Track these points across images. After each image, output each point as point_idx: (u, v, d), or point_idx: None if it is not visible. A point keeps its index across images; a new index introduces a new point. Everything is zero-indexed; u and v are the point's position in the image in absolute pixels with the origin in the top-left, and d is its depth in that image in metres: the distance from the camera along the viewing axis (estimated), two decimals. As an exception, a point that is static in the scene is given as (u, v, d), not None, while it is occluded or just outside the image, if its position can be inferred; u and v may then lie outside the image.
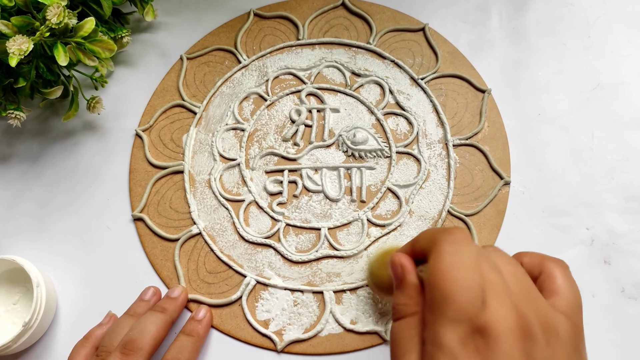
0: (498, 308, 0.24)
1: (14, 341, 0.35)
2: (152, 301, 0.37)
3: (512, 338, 0.23)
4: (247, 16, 0.46)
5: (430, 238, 0.27)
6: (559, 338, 0.25)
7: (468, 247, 0.25)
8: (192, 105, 0.44)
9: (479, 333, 0.23)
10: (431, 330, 0.24)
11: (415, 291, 0.27)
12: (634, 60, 0.43)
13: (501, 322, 0.24)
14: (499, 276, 0.25)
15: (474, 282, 0.24)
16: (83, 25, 0.36)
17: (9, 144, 0.44)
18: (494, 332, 0.23)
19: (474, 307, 0.24)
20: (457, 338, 0.24)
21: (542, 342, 0.24)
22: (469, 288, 0.24)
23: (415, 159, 0.41)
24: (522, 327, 0.24)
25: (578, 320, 0.26)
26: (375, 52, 0.44)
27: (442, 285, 0.24)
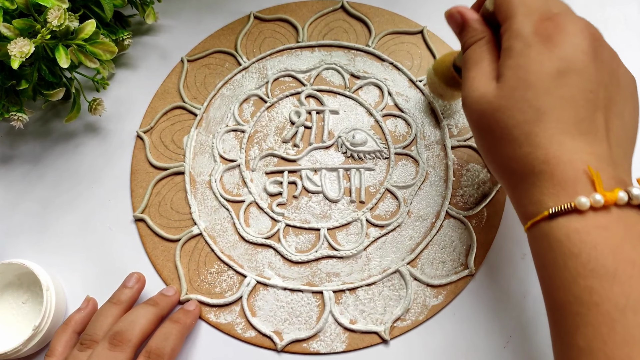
0: (567, 13, 0.26)
1: (24, 345, 0.35)
2: (135, 288, 0.37)
3: (581, 33, 0.26)
4: (247, 19, 0.46)
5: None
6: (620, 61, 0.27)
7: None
8: (193, 107, 0.44)
9: (551, 22, 0.26)
10: (508, 31, 0.27)
11: (479, 23, 0.29)
12: (630, 62, 0.42)
13: (571, 21, 0.26)
14: (566, 5, 0.28)
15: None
16: (84, 27, 0.36)
17: (11, 146, 0.44)
18: (565, 25, 0.26)
19: (547, 6, 0.27)
20: (530, 26, 0.26)
21: (608, 52, 0.27)
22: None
23: (413, 160, 0.41)
24: (591, 30, 0.26)
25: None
26: (374, 54, 0.44)
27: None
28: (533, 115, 0.25)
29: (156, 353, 0.33)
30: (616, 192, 0.24)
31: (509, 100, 0.26)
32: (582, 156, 0.24)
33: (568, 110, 0.25)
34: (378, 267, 0.38)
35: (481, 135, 0.28)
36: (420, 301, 0.37)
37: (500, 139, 0.26)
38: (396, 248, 0.39)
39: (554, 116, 0.25)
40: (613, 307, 0.22)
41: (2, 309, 0.38)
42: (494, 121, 0.27)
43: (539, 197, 0.25)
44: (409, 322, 0.36)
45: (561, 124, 0.25)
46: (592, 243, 0.23)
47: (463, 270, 0.37)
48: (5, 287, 0.38)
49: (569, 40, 0.25)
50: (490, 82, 0.27)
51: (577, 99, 0.25)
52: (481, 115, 0.27)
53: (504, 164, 0.27)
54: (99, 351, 0.32)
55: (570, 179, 0.24)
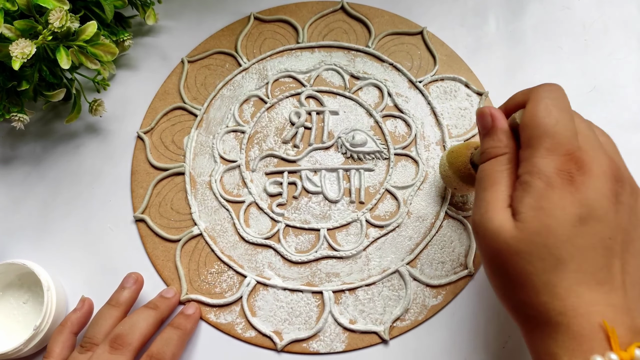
0: (592, 149, 0.26)
1: (25, 344, 0.35)
2: (133, 289, 0.37)
3: (604, 176, 0.25)
4: (248, 20, 0.46)
5: (526, 91, 0.28)
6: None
7: (565, 95, 0.27)
8: (193, 107, 0.44)
9: (574, 163, 0.25)
10: (528, 162, 0.26)
11: (506, 135, 0.28)
12: (629, 64, 0.43)
13: (595, 160, 0.25)
14: (592, 131, 0.27)
15: (571, 122, 0.26)
16: (85, 29, 0.36)
17: (12, 146, 0.44)
18: (588, 166, 0.25)
19: (572, 142, 0.25)
20: (553, 166, 0.25)
21: (629, 190, 0.26)
22: (568, 125, 0.26)
23: (413, 160, 0.41)
24: (613, 170, 0.26)
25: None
26: (374, 55, 0.44)
27: (543, 121, 0.26)
28: (553, 264, 0.25)
29: (157, 357, 0.33)
30: (632, 350, 0.23)
31: (528, 245, 0.25)
32: (599, 308, 0.24)
33: (587, 260, 0.25)
34: (377, 268, 0.38)
35: (495, 275, 0.27)
36: (420, 301, 0.37)
37: (516, 283, 0.26)
38: (396, 248, 0.39)
39: (573, 266, 0.24)
40: None
41: (3, 309, 0.38)
42: (511, 265, 0.26)
43: (554, 349, 0.25)
44: (409, 322, 0.36)
45: (580, 274, 0.24)
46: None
47: (462, 271, 0.37)
48: (6, 287, 0.38)
49: (592, 183, 0.25)
50: (505, 212, 0.26)
51: (596, 248, 0.25)
52: (497, 254, 0.26)
53: (520, 308, 0.26)
54: (100, 354, 0.33)
55: (586, 334, 0.24)
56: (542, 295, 0.25)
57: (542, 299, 0.25)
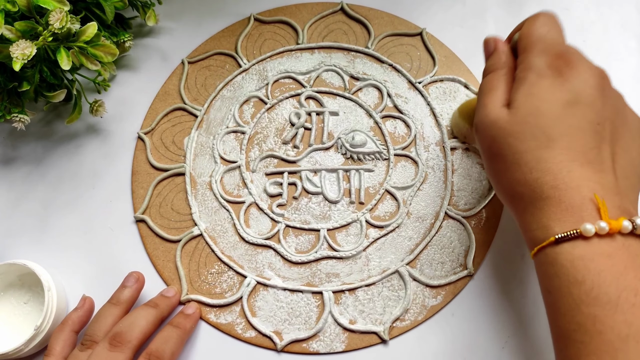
0: (578, 54, 0.29)
1: (26, 344, 0.35)
2: (134, 287, 0.37)
3: (590, 71, 0.28)
4: (248, 21, 0.46)
5: (526, 18, 0.31)
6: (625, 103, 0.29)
7: (556, 17, 0.30)
8: (194, 108, 0.44)
9: (563, 61, 0.28)
10: (523, 62, 0.29)
11: (505, 54, 0.31)
12: (628, 64, 0.43)
13: (581, 60, 0.28)
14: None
15: (562, 34, 0.29)
16: (86, 30, 0.36)
17: (13, 147, 0.44)
18: (575, 63, 0.28)
19: (562, 45, 0.29)
20: (544, 61, 0.28)
21: (613, 88, 0.29)
22: (559, 34, 0.29)
23: (413, 161, 0.41)
24: (599, 70, 0.28)
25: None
26: (374, 56, 0.44)
27: (537, 30, 0.29)
28: (544, 141, 0.26)
29: (156, 355, 0.33)
30: (621, 221, 0.24)
31: (521, 125, 0.27)
32: (589, 184, 0.25)
33: (577, 139, 0.26)
34: (377, 268, 0.38)
35: (492, 160, 0.29)
36: (419, 301, 0.37)
37: (511, 163, 0.27)
38: (395, 249, 0.39)
39: (563, 143, 0.26)
40: (616, 336, 0.22)
41: (4, 309, 0.38)
42: (506, 145, 0.27)
43: (545, 222, 0.26)
44: (408, 323, 0.36)
45: (570, 151, 0.26)
46: (595, 270, 0.24)
47: (462, 271, 0.37)
48: (7, 288, 0.38)
49: (579, 76, 0.27)
50: (502, 108, 0.28)
51: (585, 129, 0.26)
52: (493, 140, 0.28)
53: (514, 188, 0.27)
54: (99, 351, 0.33)
55: (577, 205, 0.25)
56: (534, 172, 0.26)
57: (535, 175, 0.26)
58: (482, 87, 0.31)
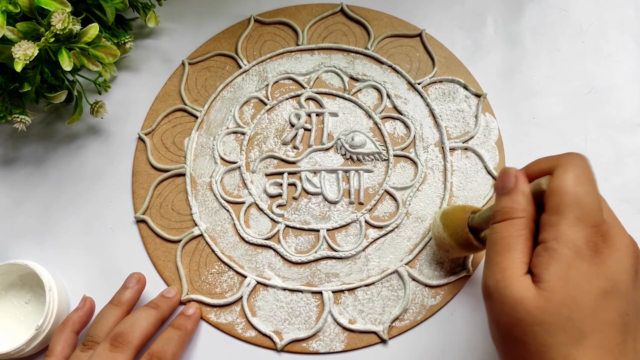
0: (615, 225, 0.26)
1: (27, 344, 0.35)
2: (135, 288, 0.37)
3: (627, 250, 0.25)
4: (248, 22, 0.46)
5: (552, 158, 0.27)
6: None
7: (591, 167, 0.27)
8: (194, 109, 0.44)
9: (600, 236, 0.25)
10: (555, 229, 0.25)
11: (525, 199, 0.27)
12: (626, 65, 0.43)
13: (618, 234, 0.25)
14: (610, 209, 0.27)
15: (598, 196, 0.26)
16: (87, 31, 0.36)
17: (14, 147, 0.44)
18: (613, 239, 0.25)
19: (599, 215, 0.25)
20: (582, 236, 0.25)
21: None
22: (596, 198, 0.26)
23: (412, 162, 0.41)
24: (634, 246, 0.26)
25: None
26: (373, 57, 0.44)
27: (573, 189, 0.25)
28: (575, 338, 0.24)
29: (158, 356, 0.33)
30: None
31: (553, 316, 0.24)
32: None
33: (607, 336, 0.24)
34: (377, 268, 0.38)
35: (509, 343, 0.26)
36: (419, 301, 0.37)
37: (534, 354, 0.24)
38: (395, 249, 0.39)
39: (594, 341, 0.24)
40: None
41: (6, 309, 0.38)
42: (531, 335, 0.24)
43: None
44: (407, 322, 0.37)
45: (599, 350, 0.24)
46: None
47: (461, 271, 0.37)
48: (9, 288, 0.38)
49: (616, 257, 0.25)
50: (525, 280, 0.25)
51: (616, 323, 0.24)
52: (516, 323, 0.25)
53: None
54: (100, 352, 0.33)
55: None
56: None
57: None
58: (495, 240, 0.27)
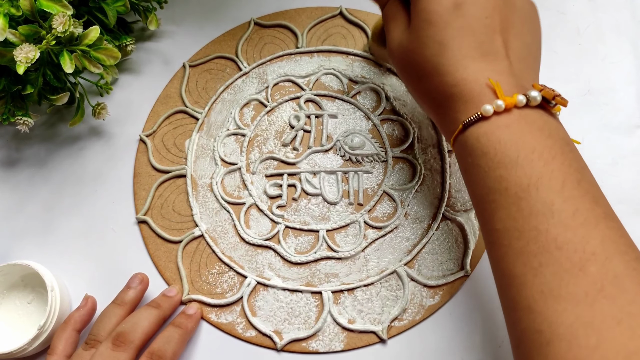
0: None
1: (30, 344, 0.35)
2: (138, 289, 0.37)
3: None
4: (248, 25, 0.46)
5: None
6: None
7: None
8: (195, 111, 0.43)
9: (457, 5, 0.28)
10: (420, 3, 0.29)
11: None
12: (623, 67, 0.43)
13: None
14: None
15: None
16: (88, 33, 0.36)
17: (17, 149, 0.44)
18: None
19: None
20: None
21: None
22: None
23: (410, 163, 0.41)
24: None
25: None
26: (372, 59, 0.44)
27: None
28: (437, 49, 0.28)
29: (158, 355, 0.33)
30: (515, 96, 0.26)
31: (417, 40, 0.29)
32: (485, 73, 0.27)
33: (467, 38, 0.28)
34: (376, 268, 0.38)
35: (405, 77, 0.31)
36: (417, 301, 0.37)
37: (417, 75, 0.30)
38: (393, 249, 0.38)
39: (455, 45, 0.28)
40: (518, 188, 0.25)
41: (8, 309, 0.38)
42: (410, 62, 0.30)
43: (454, 115, 0.28)
44: (406, 322, 0.36)
45: (462, 50, 0.28)
46: (497, 140, 0.26)
47: (459, 271, 0.37)
48: (11, 288, 0.38)
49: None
50: (404, 31, 0.30)
51: (474, 27, 0.28)
52: (400, 60, 0.31)
53: (425, 96, 0.30)
54: (102, 351, 0.33)
55: (476, 94, 0.27)
56: (435, 77, 0.28)
57: (436, 79, 0.28)
58: (384, 18, 0.33)
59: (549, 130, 0.26)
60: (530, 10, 0.31)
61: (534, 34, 0.31)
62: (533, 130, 0.26)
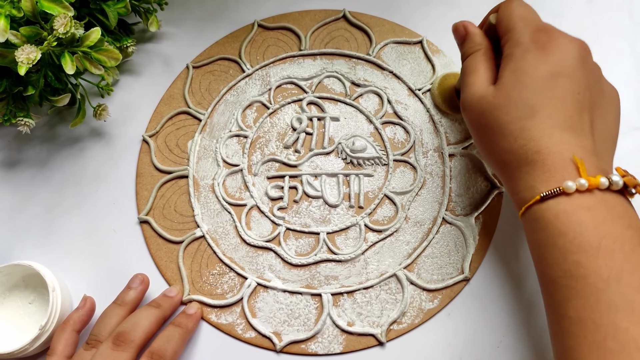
0: (561, 31, 0.30)
1: (31, 344, 0.34)
2: (139, 289, 0.37)
3: (572, 44, 0.29)
4: (251, 27, 0.45)
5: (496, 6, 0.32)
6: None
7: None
8: (197, 112, 0.43)
9: (545, 34, 0.29)
10: (509, 40, 0.30)
11: (479, 36, 0.32)
12: (621, 69, 0.42)
13: (562, 34, 0.29)
14: None
15: (538, 14, 0.31)
16: (89, 35, 0.36)
17: (18, 150, 0.43)
18: (557, 35, 0.29)
19: (541, 21, 0.30)
20: (528, 36, 0.29)
21: (593, 59, 0.30)
22: (536, 13, 0.31)
23: (411, 167, 0.40)
24: (580, 42, 0.30)
25: None
26: (375, 63, 0.43)
27: (516, 11, 0.30)
28: (527, 112, 0.28)
29: (158, 354, 0.33)
30: (599, 178, 0.26)
31: (506, 99, 0.28)
32: (570, 147, 0.27)
33: (558, 108, 0.27)
34: (375, 271, 0.38)
35: (480, 132, 0.30)
36: (417, 305, 0.36)
37: (498, 134, 0.29)
38: (393, 253, 0.38)
39: (545, 113, 0.27)
40: (598, 279, 0.24)
41: (10, 309, 0.38)
42: (492, 118, 0.29)
43: (531, 183, 0.27)
44: (405, 325, 0.36)
45: (552, 119, 0.27)
46: (577, 221, 0.25)
47: (458, 275, 0.37)
48: (13, 288, 0.38)
49: (562, 48, 0.28)
50: (488, 86, 0.30)
51: (566, 99, 0.28)
52: (480, 114, 0.30)
53: (501, 156, 0.29)
54: (103, 350, 0.32)
55: (559, 166, 0.26)
56: (519, 140, 0.28)
57: (519, 142, 0.28)
58: (464, 70, 0.32)
59: (629, 219, 0.25)
60: (616, 97, 0.31)
61: (616, 119, 0.31)
62: (614, 217, 0.25)
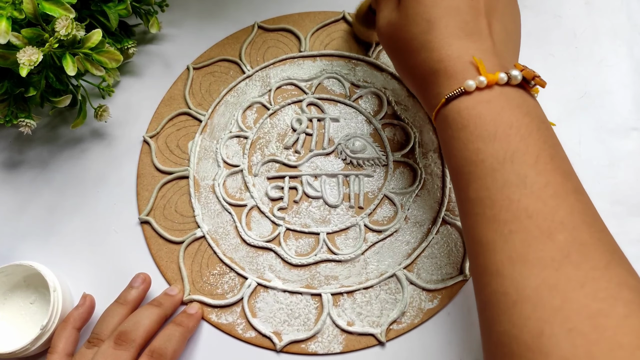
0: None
1: (32, 344, 0.34)
2: (141, 288, 0.37)
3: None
4: (252, 29, 0.45)
5: None
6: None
7: None
8: (198, 113, 0.43)
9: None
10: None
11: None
12: (619, 70, 0.42)
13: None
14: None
15: None
16: (90, 36, 0.35)
17: (19, 151, 0.43)
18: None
19: None
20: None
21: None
22: None
23: (411, 167, 0.40)
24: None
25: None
26: (374, 64, 0.43)
27: None
28: (426, 27, 0.29)
29: (158, 352, 0.33)
30: (497, 74, 0.27)
31: (405, 18, 0.30)
32: (469, 51, 0.28)
33: (454, 17, 0.28)
34: (375, 271, 0.37)
35: (392, 54, 0.32)
36: (416, 305, 0.36)
37: (404, 51, 0.30)
38: (393, 253, 0.38)
39: (442, 24, 0.28)
40: (495, 160, 0.25)
41: (11, 309, 0.37)
42: (397, 38, 0.31)
43: (438, 90, 0.28)
44: (405, 325, 0.36)
45: (449, 29, 0.28)
46: (477, 114, 0.26)
47: (458, 275, 0.37)
48: (14, 288, 0.38)
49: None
50: (393, 11, 0.31)
51: (460, 7, 0.28)
52: (389, 37, 0.31)
53: (411, 72, 0.31)
54: (104, 349, 0.32)
55: (460, 70, 0.27)
56: (422, 53, 0.29)
57: (423, 55, 0.29)
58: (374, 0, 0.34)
59: (527, 108, 0.27)
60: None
61: (515, 19, 0.32)
62: (512, 107, 0.26)
